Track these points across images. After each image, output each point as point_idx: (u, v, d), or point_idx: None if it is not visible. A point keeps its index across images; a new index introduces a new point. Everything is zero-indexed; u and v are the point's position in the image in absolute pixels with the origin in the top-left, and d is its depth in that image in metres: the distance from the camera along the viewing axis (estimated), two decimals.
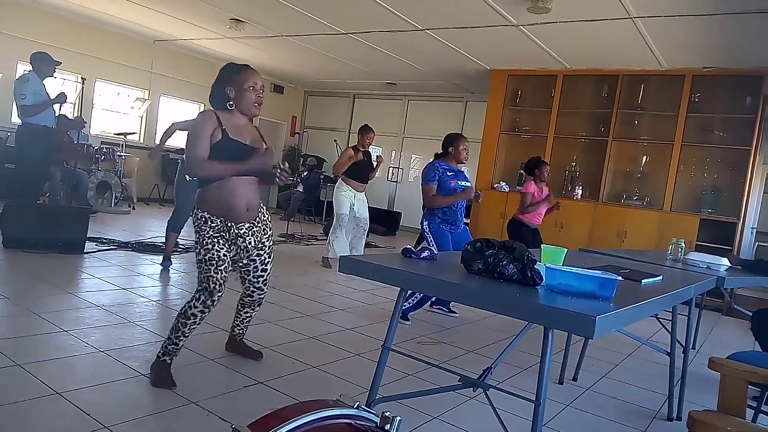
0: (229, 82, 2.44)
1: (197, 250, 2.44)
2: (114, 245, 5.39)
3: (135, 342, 2.93)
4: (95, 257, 4.84)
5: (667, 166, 6.79)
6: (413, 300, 4.02)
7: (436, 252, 1.99)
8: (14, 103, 5.38)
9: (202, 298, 2.40)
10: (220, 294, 2.42)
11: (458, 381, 1.81)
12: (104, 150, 8.04)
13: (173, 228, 4.76)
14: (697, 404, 2.98)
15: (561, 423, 2.57)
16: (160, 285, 4.29)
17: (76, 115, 7.56)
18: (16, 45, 7.82)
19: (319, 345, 3.29)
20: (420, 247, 2.00)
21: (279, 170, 2.46)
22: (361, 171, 5.82)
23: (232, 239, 2.47)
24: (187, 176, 4.49)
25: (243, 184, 2.45)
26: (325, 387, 2.66)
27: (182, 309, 2.45)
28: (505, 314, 1.47)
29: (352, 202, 5.86)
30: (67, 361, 2.55)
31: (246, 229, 2.50)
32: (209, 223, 2.41)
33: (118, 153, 8.38)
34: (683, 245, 3.59)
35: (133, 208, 8.51)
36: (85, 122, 6.92)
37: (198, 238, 2.43)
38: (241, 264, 2.63)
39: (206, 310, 2.42)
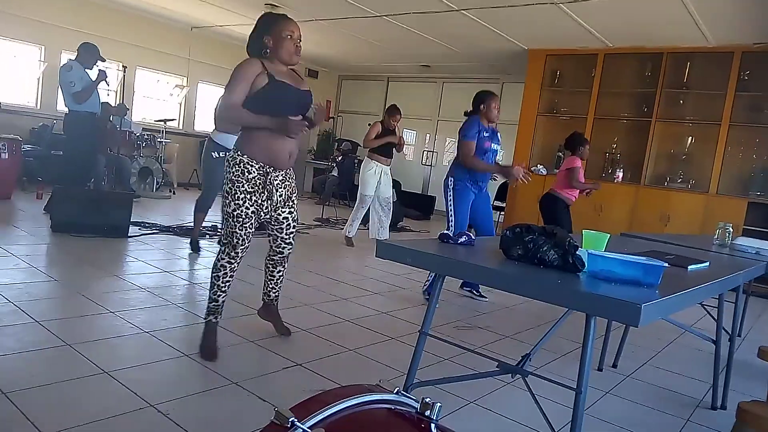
0: (267, 32, 2.46)
1: (226, 201, 2.49)
2: (156, 229, 5.53)
3: (178, 323, 3.01)
4: (138, 241, 4.98)
5: (714, 148, 6.53)
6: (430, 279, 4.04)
7: (473, 237, 1.97)
8: (60, 91, 5.53)
9: (227, 250, 2.54)
10: (243, 247, 2.55)
11: (497, 367, 1.80)
12: (145, 136, 8.24)
13: (201, 208, 4.72)
14: (743, 393, 2.90)
15: (600, 410, 2.54)
16: (201, 268, 4.39)
17: (118, 102, 7.74)
18: (60, 35, 8.05)
19: (355, 328, 3.32)
20: (457, 233, 1.98)
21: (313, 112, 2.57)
22: (386, 145, 5.98)
23: (268, 189, 2.51)
24: (213, 153, 4.52)
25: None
26: (361, 370, 2.69)
27: (213, 264, 2.61)
28: (546, 301, 1.44)
29: (378, 180, 6.03)
30: (114, 341, 2.65)
31: (279, 180, 2.55)
32: (245, 173, 2.44)
33: (159, 139, 8.57)
34: (731, 230, 3.46)
35: (174, 193, 8.71)
36: (128, 109, 7.09)
37: (229, 187, 2.46)
38: (270, 222, 2.67)
39: (232, 261, 2.56)
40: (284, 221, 2.67)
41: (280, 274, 2.88)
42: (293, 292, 3.77)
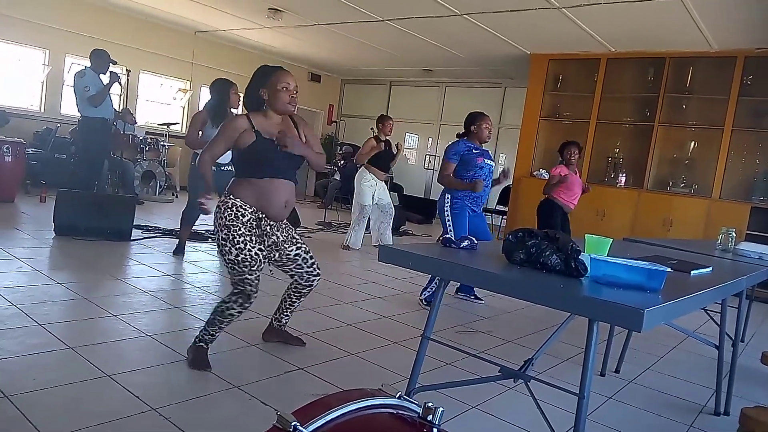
0: (262, 85, 2.47)
1: (226, 249, 2.36)
2: (159, 233, 5.54)
3: (180, 327, 3.02)
4: (141, 244, 4.99)
5: (717, 152, 6.52)
6: (432, 287, 4.03)
7: (475, 242, 1.97)
8: (76, 97, 5.65)
9: (240, 300, 2.44)
10: (256, 294, 2.45)
11: (498, 372, 1.79)
12: (149, 140, 8.26)
13: (187, 221, 4.67)
14: (746, 399, 2.89)
15: (603, 416, 2.53)
16: (203, 271, 4.40)
17: (122, 106, 7.78)
18: (65, 38, 8.09)
19: (357, 332, 3.32)
20: (460, 238, 1.98)
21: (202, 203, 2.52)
22: (382, 160, 6.08)
23: (262, 232, 2.47)
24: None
25: (284, 185, 2.49)
26: (364, 374, 2.68)
27: (219, 307, 2.49)
28: (548, 306, 1.44)
29: (374, 191, 6.09)
30: (117, 344, 2.65)
31: (274, 224, 2.52)
32: (239, 216, 2.37)
33: (162, 143, 8.59)
34: (734, 235, 3.46)
35: (176, 197, 8.72)
36: (134, 118, 7.24)
37: (225, 234, 2.36)
38: (286, 264, 2.64)
39: (243, 310, 2.48)
40: (297, 257, 2.63)
41: (299, 304, 2.88)
42: None
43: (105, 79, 5.72)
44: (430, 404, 0.89)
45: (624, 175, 7.21)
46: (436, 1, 6.02)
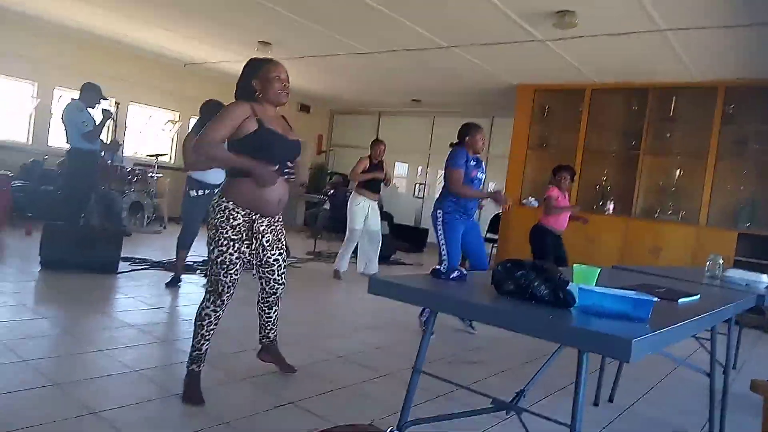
0: (254, 75, 2.47)
1: (210, 248, 2.43)
2: (146, 265, 5.49)
3: (167, 361, 2.97)
4: (128, 277, 4.94)
5: (702, 180, 6.63)
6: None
7: (464, 273, 1.97)
8: (67, 127, 5.57)
9: (212, 298, 2.48)
10: (229, 294, 2.49)
11: (491, 404, 1.78)
12: (137, 171, 8.25)
13: (182, 245, 4.71)
14: (740, 427, 2.87)
15: None
16: (191, 304, 4.34)
17: (111, 138, 7.78)
18: (54, 71, 8.14)
19: (348, 364, 3.28)
20: (449, 269, 1.98)
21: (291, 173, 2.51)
22: (374, 181, 6.11)
23: (253, 235, 2.47)
24: (191, 192, 4.56)
25: (279, 182, 2.47)
26: (356, 408, 2.64)
27: (196, 312, 2.54)
28: (537, 337, 1.44)
29: (366, 214, 6.10)
30: (103, 380, 2.60)
31: (266, 225, 2.51)
32: (230, 219, 2.39)
33: (150, 174, 8.58)
34: (721, 262, 3.48)
35: (165, 228, 8.67)
36: (120, 145, 7.18)
37: (213, 233, 2.41)
38: (261, 265, 2.63)
39: (218, 309, 2.50)
40: (275, 263, 2.64)
41: (276, 314, 2.86)
42: (285, 327, 3.72)
43: (93, 112, 5.72)
44: None
45: (612, 203, 7.29)
46: (424, 34, 6.14)
